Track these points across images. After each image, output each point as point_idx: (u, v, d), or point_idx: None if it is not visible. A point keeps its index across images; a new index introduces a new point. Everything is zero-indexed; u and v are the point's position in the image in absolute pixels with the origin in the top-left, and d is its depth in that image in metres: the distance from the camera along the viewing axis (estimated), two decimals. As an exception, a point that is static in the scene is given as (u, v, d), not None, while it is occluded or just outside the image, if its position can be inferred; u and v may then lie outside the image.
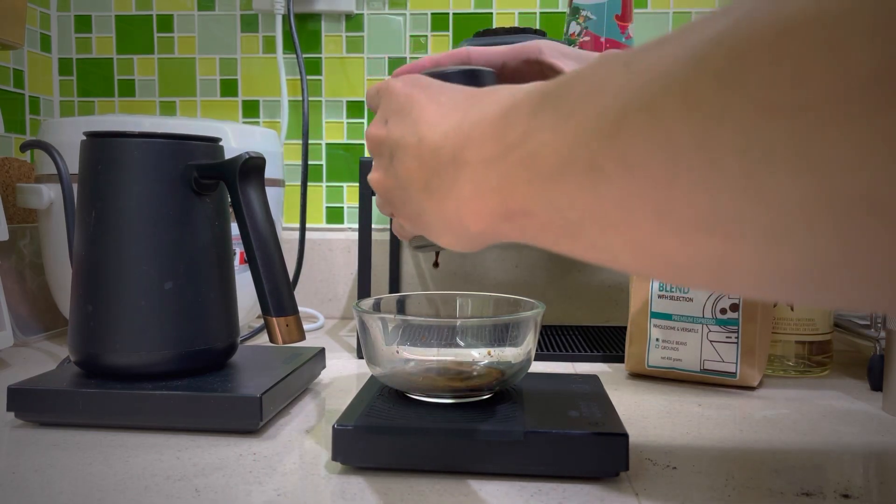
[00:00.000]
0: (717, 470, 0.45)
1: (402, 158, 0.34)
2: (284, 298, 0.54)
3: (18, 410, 0.51)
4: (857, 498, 0.41)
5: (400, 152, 0.34)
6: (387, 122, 0.36)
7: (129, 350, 0.52)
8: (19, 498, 0.40)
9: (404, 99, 0.35)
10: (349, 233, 1.04)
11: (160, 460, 0.45)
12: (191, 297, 0.54)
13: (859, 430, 0.53)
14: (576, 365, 0.75)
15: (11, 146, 0.94)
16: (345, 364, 0.74)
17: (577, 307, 1.00)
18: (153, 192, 0.53)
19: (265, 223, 0.54)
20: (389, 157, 0.35)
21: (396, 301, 0.56)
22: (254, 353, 0.63)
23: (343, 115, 1.03)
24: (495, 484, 0.42)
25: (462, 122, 0.30)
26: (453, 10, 1.01)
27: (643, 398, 0.62)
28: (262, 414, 0.49)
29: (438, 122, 0.32)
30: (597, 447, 0.42)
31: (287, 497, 0.40)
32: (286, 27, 1.00)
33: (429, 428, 0.43)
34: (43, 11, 1.02)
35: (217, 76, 1.04)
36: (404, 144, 0.34)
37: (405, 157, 0.33)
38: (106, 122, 0.76)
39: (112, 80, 1.05)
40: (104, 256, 0.53)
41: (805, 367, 0.69)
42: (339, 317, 1.03)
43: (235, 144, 0.78)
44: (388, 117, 0.36)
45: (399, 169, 0.34)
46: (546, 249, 0.27)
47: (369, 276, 0.78)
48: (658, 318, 0.66)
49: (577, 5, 0.81)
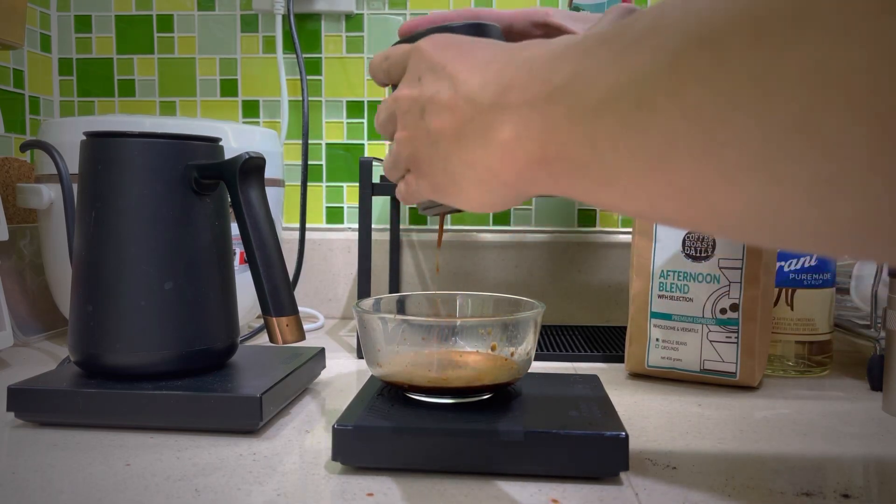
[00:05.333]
0: (717, 470, 0.45)
1: (434, 112, 0.33)
2: (284, 298, 0.54)
3: (18, 410, 0.51)
4: (857, 498, 0.41)
5: (433, 106, 0.34)
6: (420, 80, 0.35)
7: (129, 350, 0.52)
8: (19, 498, 0.40)
9: (438, 56, 0.35)
10: (349, 233, 1.04)
11: (160, 460, 0.45)
12: (191, 297, 0.54)
13: (859, 430, 0.53)
14: (576, 365, 0.75)
15: (11, 146, 0.94)
16: (345, 364, 0.74)
17: (577, 307, 1.00)
18: (153, 192, 0.53)
19: (265, 223, 0.54)
20: (420, 112, 0.35)
21: (396, 301, 0.56)
22: (254, 353, 0.63)
23: (343, 115, 1.03)
24: (496, 484, 0.42)
25: (504, 69, 0.30)
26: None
27: (643, 398, 0.62)
28: (262, 414, 0.49)
29: (476, 73, 0.32)
30: (597, 447, 0.42)
31: (287, 497, 0.40)
32: (286, 27, 1.00)
33: (429, 428, 0.43)
34: (43, 11, 1.02)
35: (217, 76, 1.04)
36: (438, 98, 0.33)
37: (439, 110, 0.33)
38: (106, 122, 0.76)
39: (112, 80, 1.05)
40: (104, 256, 0.53)
41: (805, 367, 0.69)
42: (339, 317, 1.03)
43: (235, 144, 0.78)
44: (421, 75, 0.35)
45: (430, 122, 0.34)
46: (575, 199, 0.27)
47: (369, 276, 0.78)
48: (658, 318, 0.66)
49: (577, 5, 0.81)
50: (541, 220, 1.02)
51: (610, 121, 0.22)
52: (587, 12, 0.45)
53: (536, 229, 1.02)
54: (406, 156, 0.37)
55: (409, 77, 0.37)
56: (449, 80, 0.33)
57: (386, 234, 1.01)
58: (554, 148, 0.26)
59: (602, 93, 0.23)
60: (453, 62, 0.33)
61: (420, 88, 0.35)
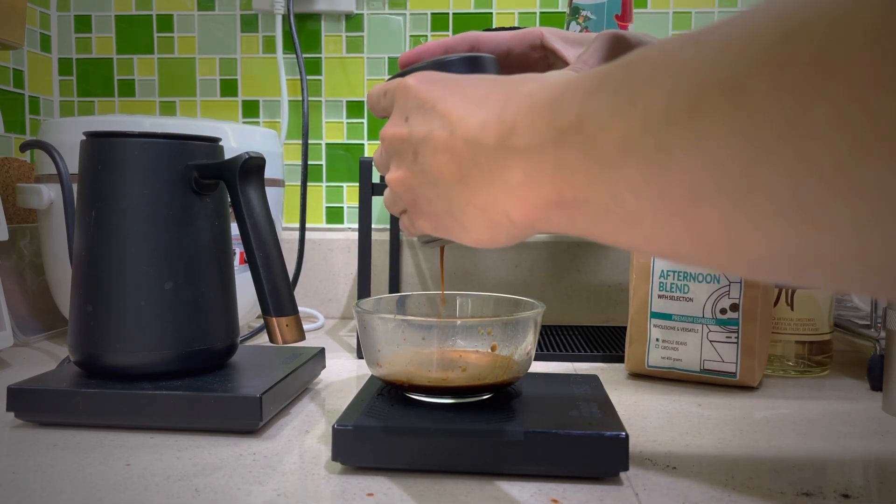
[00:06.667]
0: (717, 470, 0.45)
1: (429, 154, 0.33)
2: (284, 298, 0.54)
3: (18, 410, 0.51)
4: (857, 498, 0.41)
5: (426, 148, 0.33)
6: (407, 120, 0.35)
7: (129, 350, 0.52)
8: (19, 498, 0.40)
9: (425, 94, 0.34)
10: (349, 233, 1.04)
11: (160, 460, 0.45)
12: (191, 297, 0.54)
13: (859, 430, 0.53)
14: (576, 365, 0.75)
15: (11, 146, 0.94)
16: (345, 364, 0.74)
17: (577, 307, 1.00)
18: (153, 192, 0.53)
19: (265, 223, 0.54)
20: (413, 154, 0.34)
21: (396, 301, 0.56)
22: (254, 353, 0.63)
23: (343, 115, 1.03)
24: (495, 484, 0.42)
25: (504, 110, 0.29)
26: (453, 10, 1.01)
27: (643, 398, 0.62)
28: (262, 414, 0.49)
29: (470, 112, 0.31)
30: (597, 447, 0.42)
31: (287, 497, 0.40)
32: (286, 27, 1.00)
33: (429, 428, 0.43)
34: (43, 11, 1.02)
35: (217, 76, 1.04)
36: (433, 139, 0.33)
37: (434, 153, 0.32)
38: (106, 122, 0.76)
39: (112, 80, 1.05)
40: (104, 256, 0.53)
41: (805, 367, 0.69)
42: (339, 317, 1.03)
43: (235, 144, 0.78)
44: (409, 115, 0.35)
45: (427, 164, 0.33)
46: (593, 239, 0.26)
47: (369, 276, 0.78)
48: (658, 318, 0.66)
49: (577, 5, 0.81)
50: (541, 220, 1.02)
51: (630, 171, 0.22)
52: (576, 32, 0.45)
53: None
54: (403, 196, 0.36)
55: (396, 115, 0.36)
56: (441, 119, 0.32)
57: (386, 234, 1.01)
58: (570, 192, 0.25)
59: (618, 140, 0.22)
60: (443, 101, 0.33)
61: (409, 128, 0.34)
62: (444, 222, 0.34)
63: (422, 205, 0.35)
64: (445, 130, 0.32)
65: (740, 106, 0.17)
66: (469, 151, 0.31)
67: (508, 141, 0.28)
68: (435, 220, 0.35)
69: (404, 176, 0.36)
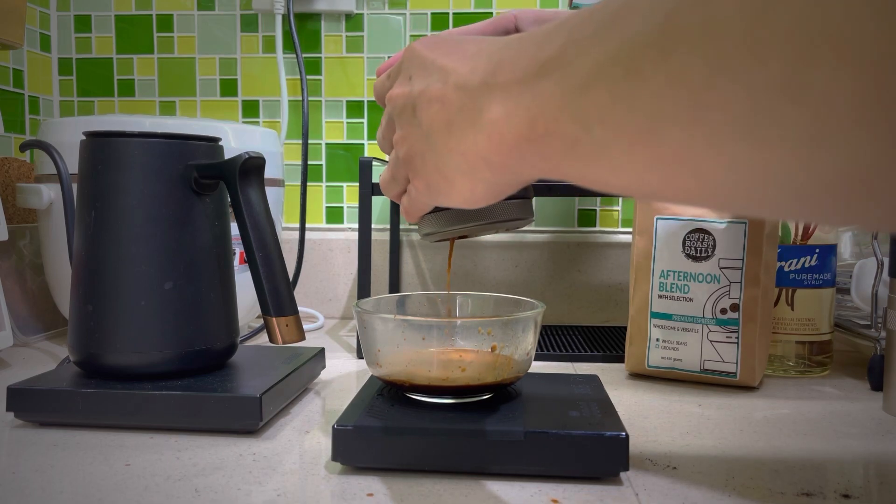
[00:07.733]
0: (717, 470, 0.45)
1: (425, 106, 0.33)
2: (284, 298, 0.54)
3: (18, 410, 0.51)
4: (857, 498, 0.41)
5: (423, 100, 0.33)
6: (410, 79, 0.35)
7: (129, 350, 0.52)
8: (19, 498, 0.40)
9: (429, 53, 0.34)
10: (349, 233, 1.04)
11: (160, 460, 0.45)
12: (191, 297, 0.54)
13: (859, 430, 0.53)
14: (576, 365, 0.75)
15: (11, 146, 0.94)
16: (345, 364, 0.74)
17: (577, 307, 1.00)
18: (153, 192, 0.53)
19: (265, 223, 0.54)
20: (412, 109, 0.35)
21: (396, 301, 0.56)
22: (254, 353, 0.63)
23: (343, 114, 1.03)
24: (495, 484, 0.42)
25: (495, 53, 0.30)
26: (453, 10, 1.01)
27: (643, 398, 0.62)
28: (261, 414, 0.49)
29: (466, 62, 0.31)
30: (597, 447, 0.42)
31: (287, 497, 0.40)
32: (286, 27, 1.00)
33: (429, 428, 0.43)
34: (43, 11, 1.02)
35: (217, 76, 1.04)
36: (428, 92, 0.33)
37: (429, 103, 0.33)
38: (106, 121, 0.76)
39: (112, 79, 1.05)
40: (104, 256, 0.53)
41: (805, 367, 0.69)
42: (339, 317, 1.03)
43: (235, 144, 0.78)
44: (412, 74, 0.35)
45: (422, 117, 0.33)
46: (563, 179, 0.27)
47: (369, 276, 0.78)
48: (658, 318, 0.66)
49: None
50: (541, 221, 1.02)
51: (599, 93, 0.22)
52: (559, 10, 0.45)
53: (536, 229, 1.02)
54: (402, 157, 0.37)
55: (401, 77, 0.37)
56: (438, 72, 0.33)
57: (386, 234, 1.01)
58: (543, 124, 0.26)
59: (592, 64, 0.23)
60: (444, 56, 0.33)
61: (411, 86, 0.35)
62: (433, 179, 0.35)
63: (416, 164, 0.36)
64: (440, 82, 0.32)
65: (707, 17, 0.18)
66: (457, 96, 0.31)
67: (493, 78, 0.29)
68: (426, 178, 0.35)
69: (405, 133, 0.36)
